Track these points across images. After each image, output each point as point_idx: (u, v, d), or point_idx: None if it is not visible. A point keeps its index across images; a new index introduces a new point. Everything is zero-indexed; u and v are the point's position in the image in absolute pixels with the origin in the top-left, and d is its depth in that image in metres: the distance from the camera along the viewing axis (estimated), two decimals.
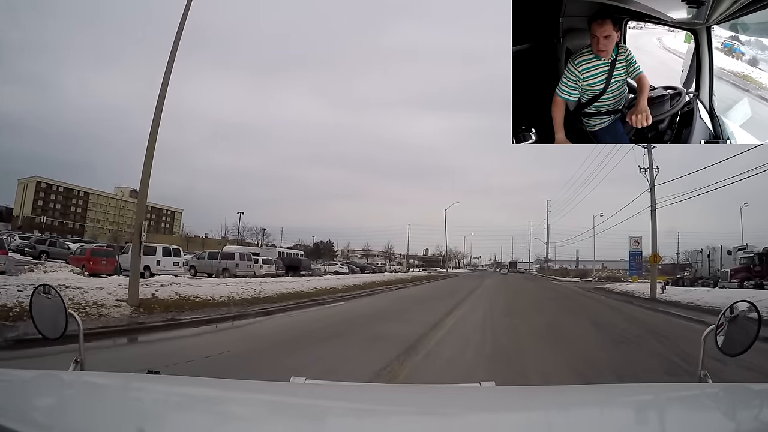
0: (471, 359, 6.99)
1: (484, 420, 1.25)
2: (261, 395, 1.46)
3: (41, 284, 1.62)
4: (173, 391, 1.42)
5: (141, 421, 1.01)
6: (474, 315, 13.54)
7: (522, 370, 6.21)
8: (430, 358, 6.80)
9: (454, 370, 6.18)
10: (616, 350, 8.23)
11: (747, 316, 1.43)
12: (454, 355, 7.21)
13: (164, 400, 1.32)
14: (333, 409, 1.29)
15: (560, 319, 13.52)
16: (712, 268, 34.94)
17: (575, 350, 7.96)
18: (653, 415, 1.23)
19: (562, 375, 5.96)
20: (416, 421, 1.23)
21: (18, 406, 1.13)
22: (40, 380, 1.39)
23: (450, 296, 21.15)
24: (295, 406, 1.32)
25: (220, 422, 1.15)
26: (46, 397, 1.25)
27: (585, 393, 1.72)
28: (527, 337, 9.44)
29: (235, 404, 1.34)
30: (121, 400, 1.29)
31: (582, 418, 1.25)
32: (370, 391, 1.65)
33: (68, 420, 1.03)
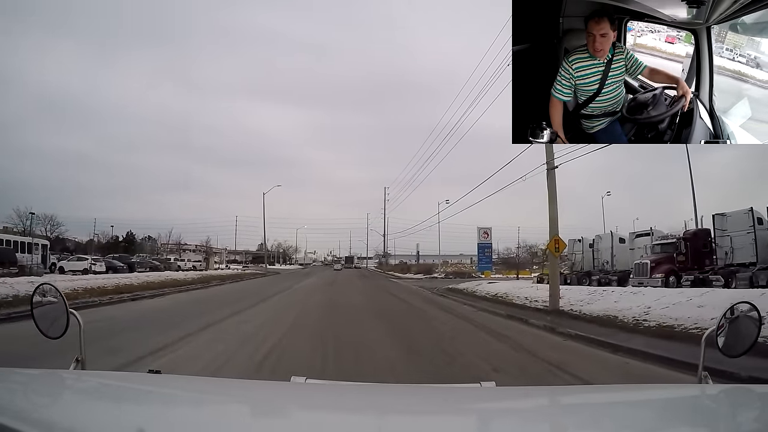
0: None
1: (485, 420, 1.25)
2: (261, 395, 1.46)
3: (42, 284, 1.62)
4: (173, 390, 1.42)
5: (141, 420, 1.01)
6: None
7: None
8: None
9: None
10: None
11: (748, 316, 1.43)
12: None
13: (164, 400, 1.32)
14: (333, 409, 1.29)
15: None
16: (599, 259, 27.91)
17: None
18: (653, 416, 1.23)
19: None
20: (416, 421, 1.23)
21: (19, 405, 1.13)
22: (40, 379, 1.39)
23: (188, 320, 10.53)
24: (296, 405, 1.32)
25: (221, 422, 1.15)
26: (47, 397, 1.25)
27: (585, 393, 1.73)
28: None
29: (236, 404, 1.35)
30: (122, 400, 1.29)
31: (582, 418, 1.25)
32: (371, 391, 1.65)
33: (69, 419, 1.03)
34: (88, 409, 1.18)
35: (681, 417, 1.22)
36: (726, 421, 1.20)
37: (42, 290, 1.56)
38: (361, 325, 10.77)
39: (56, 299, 1.53)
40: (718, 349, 1.45)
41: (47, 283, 1.61)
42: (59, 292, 1.55)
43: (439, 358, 6.97)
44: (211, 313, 11.92)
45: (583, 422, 1.21)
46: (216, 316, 11.43)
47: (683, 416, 1.23)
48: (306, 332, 9.37)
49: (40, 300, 1.55)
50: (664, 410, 1.28)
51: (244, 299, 16.58)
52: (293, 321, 11.12)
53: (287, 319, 11.48)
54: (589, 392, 1.82)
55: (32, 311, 1.54)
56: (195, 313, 12.22)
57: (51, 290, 1.55)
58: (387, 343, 8.27)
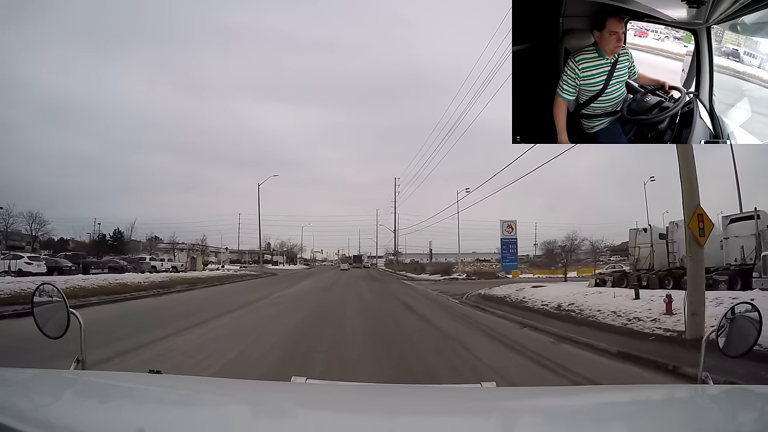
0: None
1: (485, 420, 1.25)
2: (261, 395, 1.46)
3: (42, 283, 1.62)
4: (174, 390, 1.42)
5: (141, 420, 1.01)
6: None
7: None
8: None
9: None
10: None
11: (748, 317, 1.43)
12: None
13: (165, 400, 1.32)
14: (333, 409, 1.29)
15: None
16: (675, 253, 20.09)
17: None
18: (653, 417, 1.22)
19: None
20: (417, 421, 1.23)
21: (19, 405, 1.13)
22: (41, 379, 1.40)
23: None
24: (296, 405, 1.32)
25: (221, 422, 1.15)
26: (48, 396, 1.25)
27: (585, 394, 1.73)
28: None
29: (236, 404, 1.35)
30: (122, 400, 1.29)
31: (582, 418, 1.25)
32: (371, 392, 1.65)
33: (69, 419, 1.04)
34: (88, 409, 1.18)
35: (681, 417, 1.22)
36: (726, 422, 1.19)
37: (42, 290, 1.56)
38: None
39: (57, 299, 1.53)
40: (719, 350, 1.45)
41: (48, 283, 1.61)
42: (60, 291, 1.55)
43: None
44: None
45: (583, 422, 1.21)
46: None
47: (683, 416, 1.23)
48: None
49: (40, 300, 1.55)
50: (664, 410, 1.28)
51: (166, 323, 10.33)
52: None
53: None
54: (589, 392, 1.82)
55: (33, 311, 1.54)
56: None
57: (51, 290, 1.55)
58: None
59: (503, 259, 34.31)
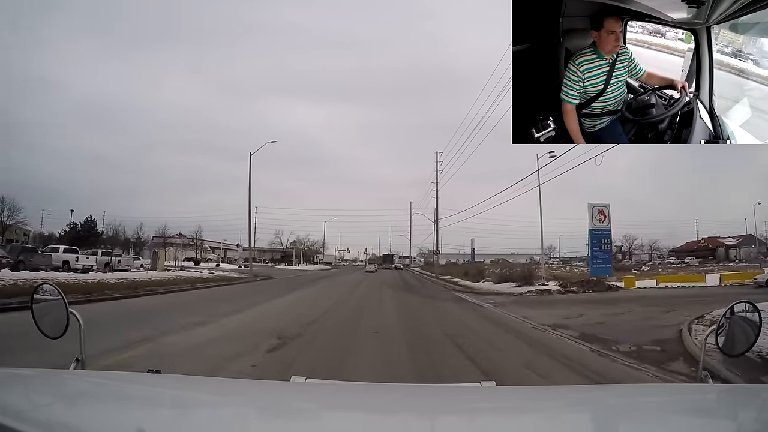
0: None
1: (485, 420, 1.25)
2: (261, 395, 1.46)
3: (42, 283, 1.62)
4: (173, 390, 1.42)
5: (141, 420, 1.01)
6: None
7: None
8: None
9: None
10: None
11: (747, 316, 1.43)
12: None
13: (164, 400, 1.32)
14: (333, 409, 1.29)
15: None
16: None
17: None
18: (653, 416, 1.22)
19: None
20: (417, 420, 1.23)
21: (19, 405, 1.13)
22: (41, 379, 1.39)
23: None
24: (296, 405, 1.32)
25: (220, 422, 1.15)
26: (47, 396, 1.25)
27: (585, 393, 1.72)
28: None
29: (236, 404, 1.34)
30: (122, 400, 1.29)
31: (582, 418, 1.25)
32: (371, 391, 1.65)
33: (69, 419, 1.04)
34: (88, 409, 1.18)
35: (681, 417, 1.22)
36: (726, 421, 1.19)
37: (42, 290, 1.56)
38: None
39: (56, 298, 1.53)
40: (719, 349, 1.45)
41: (47, 283, 1.61)
42: (59, 291, 1.55)
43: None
44: None
45: (583, 422, 1.21)
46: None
47: (683, 416, 1.23)
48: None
49: (40, 299, 1.55)
50: (664, 410, 1.28)
51: None
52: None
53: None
54: (589, 392, 1.82)
55: (32, 310, 1.54)
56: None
57: (51, 290, 1.55)
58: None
59: (593, 259, 23.90)
